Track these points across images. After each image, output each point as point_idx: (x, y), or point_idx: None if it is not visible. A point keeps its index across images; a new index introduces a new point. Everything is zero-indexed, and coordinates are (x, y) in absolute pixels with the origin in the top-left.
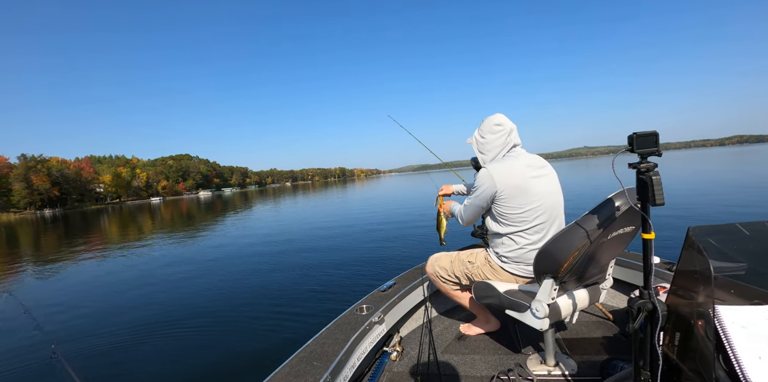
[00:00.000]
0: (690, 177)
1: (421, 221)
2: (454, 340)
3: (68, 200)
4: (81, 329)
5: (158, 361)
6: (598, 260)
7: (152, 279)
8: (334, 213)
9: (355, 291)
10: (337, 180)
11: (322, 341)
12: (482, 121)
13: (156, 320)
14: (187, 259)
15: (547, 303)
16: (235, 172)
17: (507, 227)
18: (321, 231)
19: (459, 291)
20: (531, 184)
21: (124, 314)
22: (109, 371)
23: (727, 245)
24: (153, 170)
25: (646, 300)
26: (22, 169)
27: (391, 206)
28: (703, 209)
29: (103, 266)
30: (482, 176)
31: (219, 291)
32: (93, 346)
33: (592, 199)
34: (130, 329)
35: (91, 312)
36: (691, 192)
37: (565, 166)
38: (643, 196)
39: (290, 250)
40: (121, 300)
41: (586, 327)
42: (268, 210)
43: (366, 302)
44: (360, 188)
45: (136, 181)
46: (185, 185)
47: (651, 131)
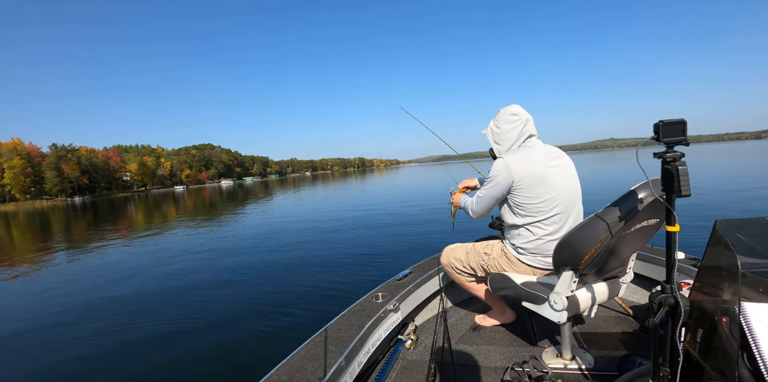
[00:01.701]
0: (720, 170)
1: (437, 212)
2: (468, 330)
3: (97, 188)
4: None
5: (176, 341)
6: (619, 254)
7: (174, 264)
8: (351, 202)
9: (370, 279)
10: (356, 170)
11: (337, 327)
12: (498, 111)
13: (175, 303)
14: (208, 245)
15: (566, 296)
16: (256, 162)
17: (523, 218)
18: (338, 220)
19: (474, 283)
20: (548, 173)
21: (145, 298)
22: (122, 353)
23: (757, 240)
24: (177, 159)
25: (668, 295)
26: (54, 158)
27: (408, 196)
28: (733, 203)
29: (128, 252)
30: (498, 166)
31: (238, 275)
32: (110, 330)
33: (614, 192)
34: (147, 310)
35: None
36: (720, 185)
37: (589, 159)
38: (668, 187)
39: (308, 237)
40: (145, 283)
41: (605, 322)
42: (287, 199)
43: (381, 290)
44: (379, 178)
45: (161, 170)
46: (208, 174)
47: (678, 119)
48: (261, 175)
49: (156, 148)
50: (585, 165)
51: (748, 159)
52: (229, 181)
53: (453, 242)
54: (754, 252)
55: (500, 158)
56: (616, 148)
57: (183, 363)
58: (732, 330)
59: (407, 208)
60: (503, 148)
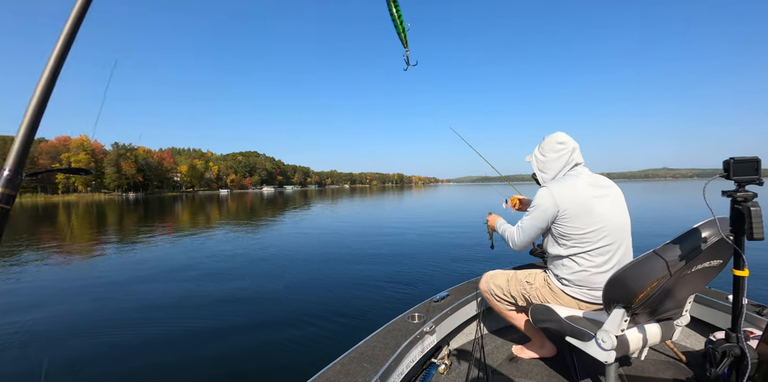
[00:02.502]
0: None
1: (477, 235)
2: (505, 360)
3: (149, 186)
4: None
5: (207, 350)
6: (676, 295)
7: (212, 266)
8: (389, 218)
9: (405, 298)
10: (394, 186)
11: (373, 344)
12: (543, 138)
13: (207, 305)
14: (245, 251)
15: (616, 334)
16: (298, 171)
17: (568, 249)
18: (374, 235)
19: (514, 311)
20: (594, 203)
21: (173, 296)
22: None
23: None
24: (224, 164)
25: (733, 344)
26: (114, 155)
27: (448, 215)
28: None
29: (169, 248)
30: (542, 195)
31: (273, 286)
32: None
33: (665, 226)
34: (177, 317)
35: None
36: None
37: (640, 188)
38: (737, 228)
39: (344, 250)
40: (178, 282)
41: (654, 366)
42: (325, 210)
43: (418, 310)
44: (417, 195)
45: (209, 174)
46: (251, 180)
47: (752, 157)
48: (301, 184)
49: (206, 152)
50: (635, 195)
51: None
52: (270, 188)
53: (493, 268)
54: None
55: (544, 187)
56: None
57: (211, 370)
58: None
59: (445, 228)
60: (548, 176)
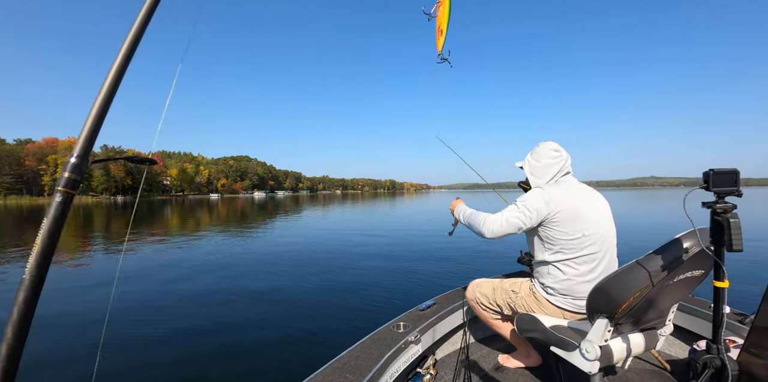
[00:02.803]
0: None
1: (466, 243)
2: (491, 370)
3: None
4: None
5: (181, 362)
6: (659, 304)
7: (193, 272)
8: (378, 225)
9: (391, 306)
10: (386, 192)
11: (356, 354)
12: (537, 145)
13: (186, 311)
14: (227, 259)
15: (599, 345)
16: (290, 177)
17: (555, 254)
18: (363, 242)
19: (500, 320)
20: (585, 210)
21: (157, 307)
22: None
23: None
24: (215, 168)
25: (714, 355)
26: (103, 158)
27: (437, 223)
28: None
29: (153, 253)
30: (535, 193)
31: (254, 294)
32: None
33: (650, 234)
34: (156, 326)
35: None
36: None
37: (627, 196)
38: (717, 239)
39: (330, 257)
40: (157, 287)
41: (638, 375)
42: (316, 216)
43: (403, 319)
44: (408, 202)
45: (199, 178)
46: (242, 185)
47: (731, 169)
48: (293, 189)
49: (197, 156)
50: (623, 203)
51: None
52: (261, 193)
53: (480, 276)
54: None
55: (539, 188)
56: (657, 186)
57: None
58: None
59: (434, 235)
60: (541, 181)
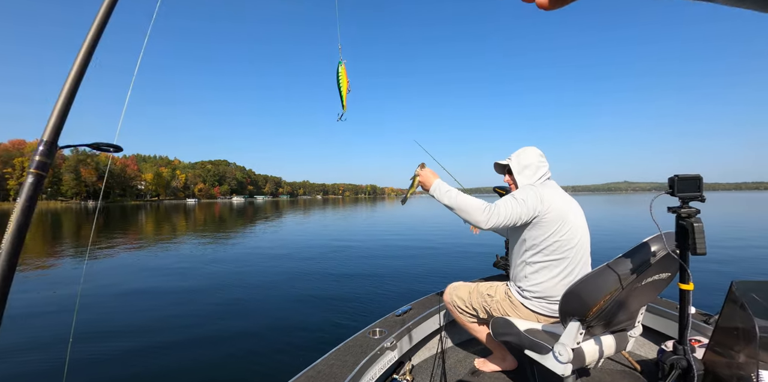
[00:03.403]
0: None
1: (445, 247)
2: (467, 374)
3: (111, 194)
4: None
5: (147, 376)
6: (629, 307)
7: (163, 279)
8: (357, 230)
9: (368, 312)
10: (367, 197)
11: (330, 362)
12: (521, 149)
13: (153, 331)
14: (198, 266)
15: (572, 347)
16: (269, 181)
17: (535, 256)
18: (341, 247)
19: (476, 324)
20: (569, 214)
21: (128, 315)
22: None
23: None
24: (192, 173)
25: (680, 356)
26: (74, 161)
27: (416, 227)
28: (744, 259)
29: (128, 261)
30: (530, 190)
31: (225, 301)
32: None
33: (623, 238)
34: (125, 334)
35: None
36: (732, 238)
37: (602, 200)
38: (682, 243)
39: (306, 263)
40: (129, 302)
41: (610, 376)
42: (295, 221)
43: (379, 325)
44: (389, 207)
45: (175, 182)
46: (220, 190)
47: (694, 175)
48: (272, 194)
49: (173, 160)
50: (597, 207)
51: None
52: (240, 199)
53: (458, 280)
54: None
55: (529, 185)
56: (630, 191)
57: None
58: None
59: (412, 239)
60: (528, 181)
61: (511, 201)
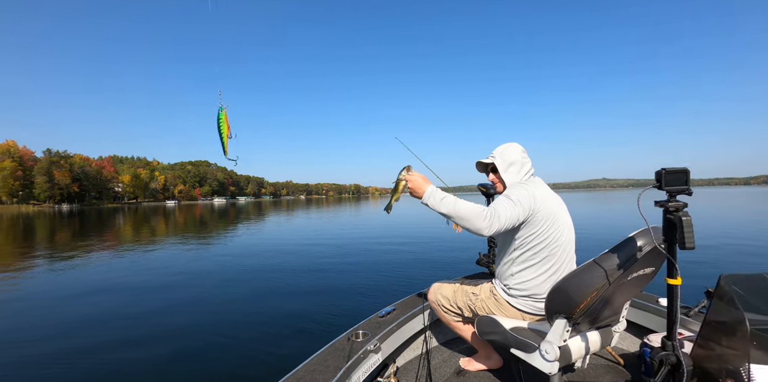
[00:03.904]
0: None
1: (427, 245)
2: (452, 375)
3: (86, 197)
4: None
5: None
6: (614, 302)
7: (139, 284)
8: (340, 230)
9: (351, 314)
10: (351, 196)
11: (312, 368)
12: (503, 145)
13: (131, 332)
14: (179, 268)
15: (559, 345)
16: (252, 182)
17: (524, 254)
18: (324, 248)
19: (461, 323)
20: (558, 212)
21: (99, 323)
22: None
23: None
24: (172, 174)
25: (669, 352)
26: (46, 163)
27: (400, 227)
28: (722, 253)
29: (103, 267)
30: (522, 188)
31: (205, 304)
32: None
33: (605, 234)
34: (91, 341)
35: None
36: (709, 232)
37: (583, 197)
38: (670, 237)
39: (288, 265)
40: (105, 301)
41: (594, 371)
42: (278, 222)
43: (362, 327)
44: (372, 207)
45: (154, 184)
46: (201, 191)
47: (682, 168)
48: (255, 195)
49: (152, 161)
50: (579, 204)
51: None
52: (222, 200)
53: (441, 278)
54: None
55: (520, 184)
56: (609, 188)
57: None
58: None
59: (396, 239)
60: (515, 179)
61: (508, 203)
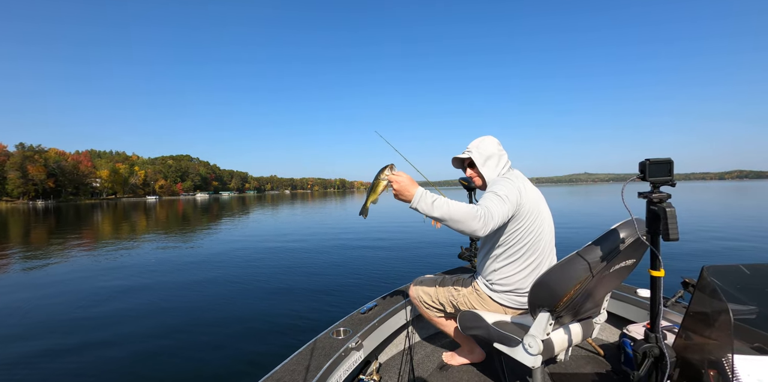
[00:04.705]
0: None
1: (408, 239)
2: (435, 370)
3: (62, 193)
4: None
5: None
6: (596, 294)
7: (115, 281)
8: (322, 225)
9: (332, 311)
10: (336, 191)
11: (291, 368)
12: (478, 139)
13: (107, 332)
14: (156, 265)
15: (542, 339)
16: (235, 177)
17: (505, 249)
18: (305, 243)
19: (443, 318)
20: (540, 204)
21: (81, 320)
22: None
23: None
24: (152, 169)
25: (652, 344)
26: (19, 158)
27: (382, 221)
28: (698, 245)
29: (82, 265)
30: (507, 182)
31: (182, 302)
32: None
33: (588, 228)
34: (81, 335)
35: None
36: (685, 227)
37: (566, 192)
38: (653, 229)
39: (268, 261)
40: (84, 306)
41: (575, 362)
42: (260, 217)
43: (344, 324)
44: (357, 201)
45: (134, 179)
46: (183, 186)
47: (665, 159)
48: (239, 190)
49: (131, 155)
50: (563, 198)
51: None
52: (204, 195)
53: (423, 273)
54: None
55: (504, 178)
56: (590, 182)
57: None
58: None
59: (378, 233)
60: (494, 173)
61: (498, 200)
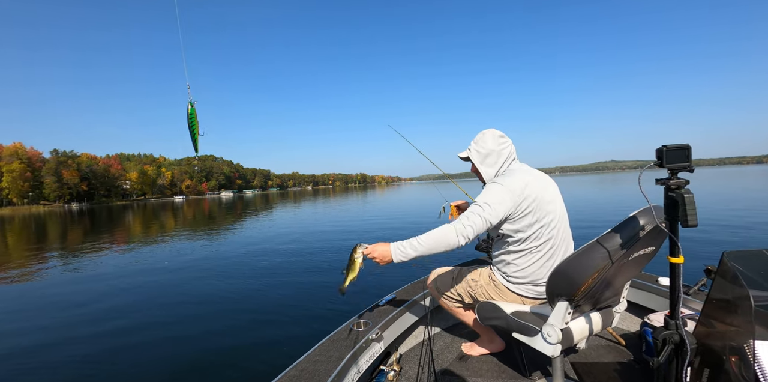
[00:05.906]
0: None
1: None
2: (455, 360)
3: (95, 195)
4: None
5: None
6: (616, 283)
7: (141, 284)
8: (342, 219)
9: (352, 304)
10: (357, 186)
11: (314, 359)
12: (479, 134)
13: (135, 328)
14: (181, 262)
15: (560, 328)
16: (258, 175)
17: (518, 245)
18: (325, 237)
19: (461, 309)
20: (543, 195)
21: (115, 315)
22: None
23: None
24: (178, 170)
25: (672, 331)
26: (54, 163)
27: (402, 214)
28: (722, 231)
29: (117, 262)
30: (496, 189)
31: (207, 297)
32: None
33: (614, 215)
34: (109, 332)
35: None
36: (710, 214)
37: (591, 180)
38: (671, 215)
39: (289, 256)
40: (115, 301)
41: (596, 351)
42: (283, 214)
43: (363, 317)
44: (378, 195)
45: (161, 180)
46: (208, 185)
47: (682, 144)
48: (262, 188)
49: (158, 157)
50: (587, 186)
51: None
52: (229, 193)
53: (440, 265)
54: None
55: (495, 183)
56: (618, 170)
57: None
58: (742, 371)
59: (398, 226)
60: (492, 170)
61: (472, 212)
